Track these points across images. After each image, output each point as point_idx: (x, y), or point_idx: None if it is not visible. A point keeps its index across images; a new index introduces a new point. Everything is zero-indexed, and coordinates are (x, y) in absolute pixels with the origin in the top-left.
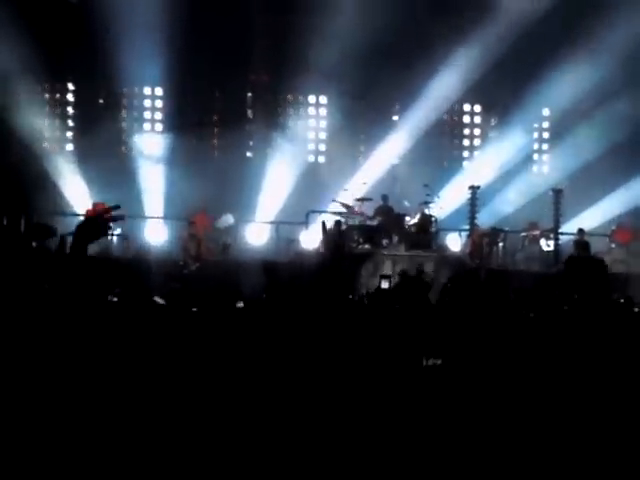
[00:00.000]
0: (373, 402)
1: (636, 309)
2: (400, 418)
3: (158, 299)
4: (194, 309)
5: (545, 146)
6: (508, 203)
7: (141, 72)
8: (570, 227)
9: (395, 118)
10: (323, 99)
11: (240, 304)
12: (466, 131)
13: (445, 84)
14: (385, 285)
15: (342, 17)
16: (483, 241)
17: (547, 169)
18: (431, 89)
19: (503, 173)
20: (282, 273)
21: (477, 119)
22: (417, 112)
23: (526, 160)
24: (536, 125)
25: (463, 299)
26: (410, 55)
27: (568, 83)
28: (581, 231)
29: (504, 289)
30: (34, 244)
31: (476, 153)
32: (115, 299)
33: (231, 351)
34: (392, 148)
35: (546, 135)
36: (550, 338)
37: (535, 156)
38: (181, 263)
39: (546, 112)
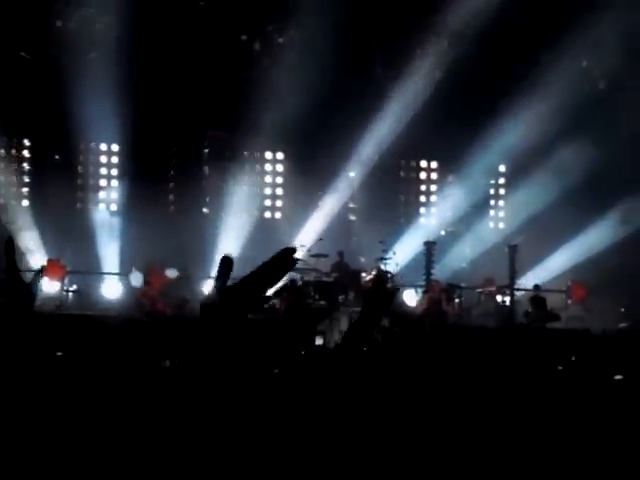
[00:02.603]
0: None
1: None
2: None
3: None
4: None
5: (501, 202)
6: (463, 258)
7: (97, 128)
8: (526, 281)
9: (351, 174)
10: (280, 155)
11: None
12: (422, 187)
13: (400, 140)
14: (320, 342)
15: (298, 73)
16: (440, 297)
17: (502, 224)
18: (387, 144)
19: (458, 228)
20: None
21: (433, 175)
22: (373, 168)
23: (481, 215)
24: (492, 181)
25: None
26: (367, 111)
27: (521, 134)
28: (537, 287)
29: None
30: None
31: (432, 209)
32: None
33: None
34: (348, 204)
35: (502, 191)
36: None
37: (491, 212)
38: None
39: (502, 168)
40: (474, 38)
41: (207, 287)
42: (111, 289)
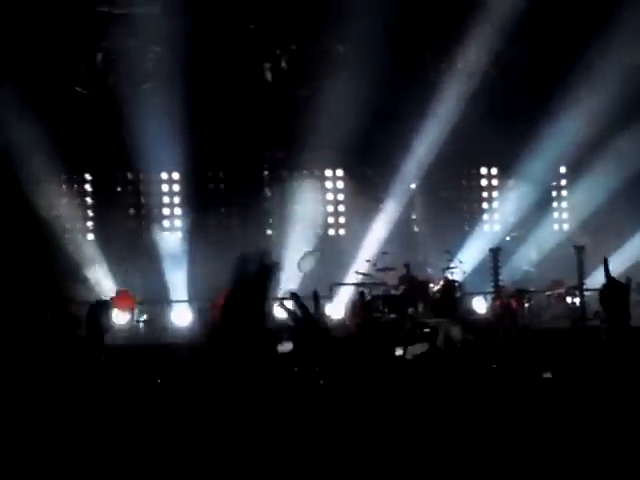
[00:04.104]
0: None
1: None
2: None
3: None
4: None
5: (564, 203)
6: (529, 262)
7: (157, 157)
8: (594, 280)
9: (412, 186)
10: (339, 172)
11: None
12: (484, 194)
13: (458, 147)
14: (400, 352)
15: (351, 87)
16: (510, 302)
17: (567, 225)
18: (446, 152)
19: (522, 233)
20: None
21: (494, 181)
22: (432, 177)
23: (545, 217)
24: (554, 183)
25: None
26: (422, 121)
27: (577, 131)
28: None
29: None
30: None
31: (495, 215)
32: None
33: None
34: (410, 215)
35: (564, 192)
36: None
37: (555, 214)
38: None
39: (562, 169)
40: (525, 37)
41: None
42: (180, 316)
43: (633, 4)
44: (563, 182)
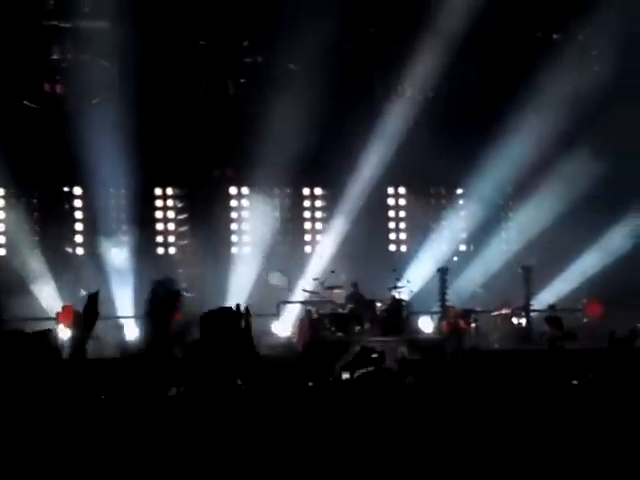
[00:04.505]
0: None
1: None
2: None
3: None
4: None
5: (511, 223)
6: (477, 282)
7: (105, 173)
8: (541, 301)
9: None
10: (287, 189)
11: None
12: (432, 213)
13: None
14: (346, 376)
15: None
16: (458, 322)
17: (514, 245)
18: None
19: (470, 252)
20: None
21: (442, 201)
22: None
23: (492, 237)
24: (501, 202)
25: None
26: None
27: (525, 152)
28: (552, 307)
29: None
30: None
31: (443, 234)
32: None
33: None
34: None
35: (511, 212)
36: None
37: (502, 233)
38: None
39: (509, 189)
40: (474, 59)
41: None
42: (127, 332)
43: (576, 31)
44: (510, 201)
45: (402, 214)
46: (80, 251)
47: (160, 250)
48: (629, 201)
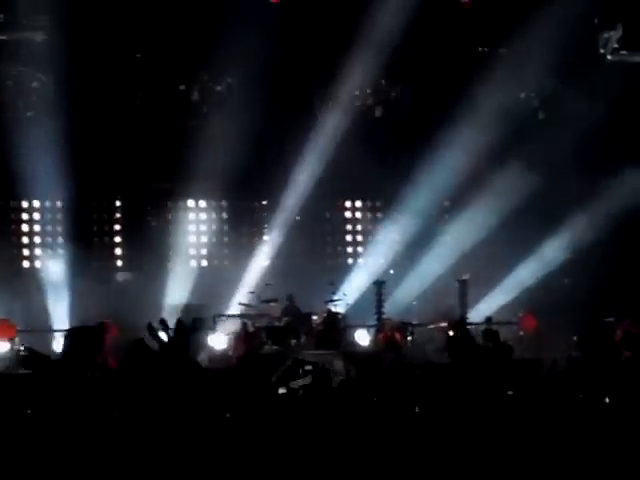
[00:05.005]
0: None
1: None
2: None
3: None
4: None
5: (447, 237)
6: (413, 295)
7: (40, 186)
8: (477, 313)
9: (298, 218)
10: (224, 203)
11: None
12: (369, 227)
13: (343, 180)
14: (283, 391)
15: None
16: (394, 335)
17: (449, 259)
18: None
19: (406, 265)
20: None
21: (359, 214)
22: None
23: (428, 250)
24: (437, 215)
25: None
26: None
27: (461, 167)
28: (489, 320)
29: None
30: None
31: (379, 248)
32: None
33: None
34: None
35: (446, 225)
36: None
37: (437, 247)
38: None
39: (445, 202)
40: (409, 74)
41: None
42: (56, 344)
43: (507, 49)
44: (445, 215)
45: (339, 227)
46: (15, 264)
47: (97, 263)
48: (562, 214)
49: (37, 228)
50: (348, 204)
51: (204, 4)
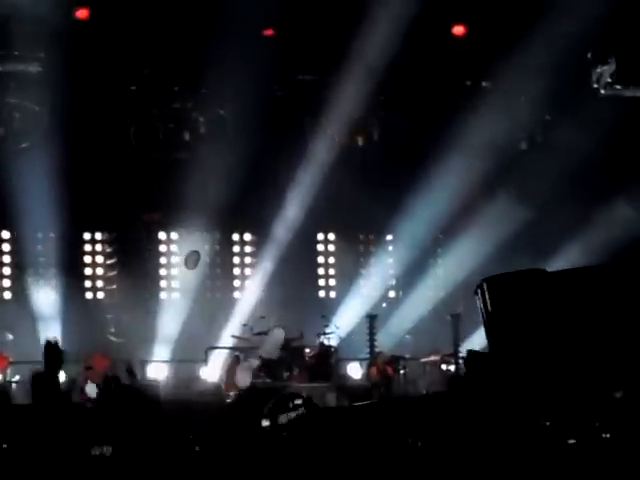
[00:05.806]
0: None
1: None
2: None
3: None
4: None
5: (439, 270)
6: (405, 329)
7: (34, 216)
8: (470, 346)
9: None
10: (216, 234)
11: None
12: (361, 259)
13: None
14: (266, 423)
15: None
16: (386, 369)
17: (442, 292)
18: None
19: (398, 299)
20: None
21: (372, 248)
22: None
23: (420, 284)
24: (429, 249)
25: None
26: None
27: (451, 200)
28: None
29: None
30: None
31: (372, 281)
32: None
33: None
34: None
35: (439, 259)
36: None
37: (430, 280)
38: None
39: (438, 235)
40: (404, 106)
41: (150, 371)
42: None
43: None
44: (438, 248)
45: (331, 260)
46: (7, 295)
47: (88, 295)
48: (555, 244)
49: (29, 259)
50: (341, 237)
51: (197, 37)
